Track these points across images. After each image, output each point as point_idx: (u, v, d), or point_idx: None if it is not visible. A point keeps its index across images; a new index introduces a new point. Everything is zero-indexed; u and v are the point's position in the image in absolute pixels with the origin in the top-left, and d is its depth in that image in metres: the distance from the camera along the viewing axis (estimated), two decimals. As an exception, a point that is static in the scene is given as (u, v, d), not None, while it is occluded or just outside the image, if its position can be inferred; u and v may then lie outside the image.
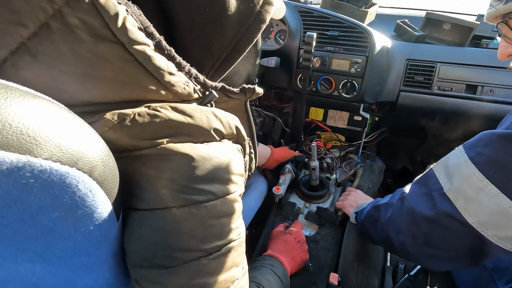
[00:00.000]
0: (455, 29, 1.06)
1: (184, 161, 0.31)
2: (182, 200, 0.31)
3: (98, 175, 0.26)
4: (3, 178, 0.20)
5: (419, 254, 0.58)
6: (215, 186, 0.34)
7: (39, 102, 0.23)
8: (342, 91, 1.04)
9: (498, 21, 0.53)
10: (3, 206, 0.21)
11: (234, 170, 0.36)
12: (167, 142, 0.31)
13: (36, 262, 0.25)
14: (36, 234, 0.23)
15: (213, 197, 0.33)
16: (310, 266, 0.80)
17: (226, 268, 0.36)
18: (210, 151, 0.34)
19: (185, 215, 0.31)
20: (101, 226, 0.28)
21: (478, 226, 0.47)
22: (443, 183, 0.52)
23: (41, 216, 0.23)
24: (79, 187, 0.24)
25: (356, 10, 1.16)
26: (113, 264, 0.33)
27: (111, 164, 0.28)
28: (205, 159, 0.32)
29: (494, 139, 0.46)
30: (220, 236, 0.35)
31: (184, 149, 0.31)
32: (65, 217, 0.24)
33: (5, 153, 0.20)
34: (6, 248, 0.23)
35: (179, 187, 0.31)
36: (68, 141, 0.23)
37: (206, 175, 0.32)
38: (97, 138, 0.27)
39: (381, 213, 0.68)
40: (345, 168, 1.16)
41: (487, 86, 0.95)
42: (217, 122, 0.36)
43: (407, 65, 1.02)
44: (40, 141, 0.21)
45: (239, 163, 0.38)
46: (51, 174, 0.22)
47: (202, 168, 0.32)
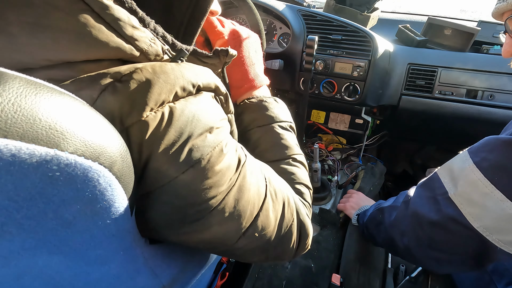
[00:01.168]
0: (456, 34, 1.08)
1: (169, 126, 0.30)
2: (184, 165, 0.31)
3: (117, 170, 0.26)
4: (32, 171, 0.21)
5: (423, 257, 0.59)
6: (207, 139, 0.33)
7: (65, 98, 0.24)
8: (345, 94, 1.05)
9: (507, 17, 0.53)
10: (29, 198, 0.21)
11: (218, 116, 0.36)
12: (150, 111, 0.29)
13: (54, 255, 0.26)
14: (56, 227, 0.24)
15: (210, 149, 0.33)
16: (313, 266, 0.80)
17: (251, 182, 0.38)
18: (191, 107, 0.32)
19: (192, 176, 0.32)
20: (116, 220, 0.28)
21: (483, 230, 0.47)
22: (448, 187, 0.53)
23: (63, 209, 0.24)
24: (100, 181, 0.25)
25: (359, 14, 1.17)
26: (125, 257, 0.34)
27: (129, 160, 0.28)
28: (188, 117, 0.32)
29: (499, 144, 0.47)
30: (232, 168, 0.36)
31: (166, 113, 0.30)
32: (84, 211, 0.25)
33: (35, 146, 0.20)
34: (26, 240, 0.23)
35: (175, 154, 0.30)
36: (91, 137, 0.24)
37: (194, 131, 0.32)
38: (116, 134, 0.27)
39: (385, 215, 0.68)
40: (347, 170, 1.17)
41: (488, 91, 0.97)
42: (193, 76, 0.34)
43: (409, 69, 1.03)
44: (66, 135, 0.22)
45: (220, 110, 0.38)
46: (76, 168, 0.23)
47: (188, 125, 0.31)
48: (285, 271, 0.80)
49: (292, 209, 0.45)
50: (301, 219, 0.47)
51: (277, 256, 0.45)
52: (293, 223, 0.45)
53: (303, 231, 0.47)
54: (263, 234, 0.40)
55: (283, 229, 0.43)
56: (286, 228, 0.43)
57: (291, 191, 0.48)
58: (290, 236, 0.44)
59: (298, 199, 0.50)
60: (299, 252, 0.48)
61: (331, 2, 1.21)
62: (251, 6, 0.82)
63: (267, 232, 0.40)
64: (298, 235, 0.47)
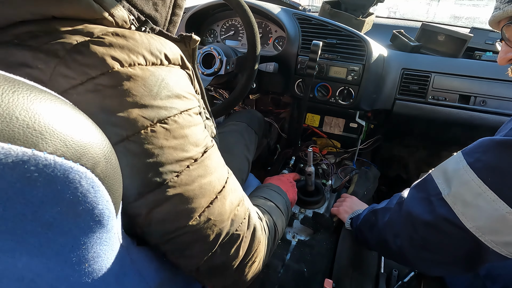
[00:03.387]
0: (449, 40, 1.09)
1: (140, 83, 0.32)
2: (151, 118, 0.33)
3: (101, 171, 0.26)
4: (8, 171, 0.20)
5: (416, 258, 0.58)
6: (174, 102, 0.35)
7: (46, 97, 0.23)
8: (339, 98, 1.05)
9: (503, 24, 0.54)
10: (6, 199, 0.21)
11: (187, 89, 0.39)
12: (119, 67, 0.31)
13: (34, 257, 0.25)
14: (36, 228, 0.23)
15: (177, 111, 0.36)
16: (305, 271, 0.79)
17: (213, 168, 0.40)
18: (161, 72, 0.35)
19: (159, 131, 0.33)
20: (100, 223, 0.28)
21: (476, 231, 0.47)
22: (442, 188, 0.53)
23: (42, 211, 0.23)
24: (82, 183, 0.24)
25: (354, 19, 1.18)
26: (110, 259, 0.33)
27: (113, 161, 0.28)
28: (158, 79, 0.34)
29: (492, 145, 0.47)
30: (196, 143, 0.38)
31: (135, 71, 0.32)
32: (66, 213, 0.24)
33: (11, 146, 0.20)
34: (5, 242, 0.22)
35: (145, 108, 0.32)
36: (73, 136, 0.23)
37: (162, 92, 0.34)
38: (100, 134, 0.27)
39: (379, 217, 0.68)
40: (341, 174, 1.16)
41: (480, 97, 0.98)
42: (158, 45, 0.36)
43: (403, 74, 1.04)
44: (45, 135, 0.22)
45: (189, 84, 0.40)
46: (55, 169, 0.22)
47: (157, 87, 0.34)
48: (278, 276, 0.79)
49: (245, 210, 0.46)
50: (254, 226, 0.46)
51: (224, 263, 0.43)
52: (244, 224, 0.44)
53: (256, 240, 0.46)
54: (219, 220, 0.40)
55: (235, 225, 0.43)
56: (238, 226, 0.43)
57: (248, 200, 0.49)
58: (238, 239, 0.43)
59: (255, 210, 0.51)
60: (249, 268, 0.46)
61: (327, 6, 1.21)
62: (245, 9, 0.81)
63: (221, 221, 0.41)
64: (250, 244, 0.45)
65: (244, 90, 0.89)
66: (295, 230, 0.94)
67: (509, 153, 0.45)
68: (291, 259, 0.84)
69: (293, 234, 0.92)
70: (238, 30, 1.22)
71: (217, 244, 0.41)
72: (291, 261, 0.83)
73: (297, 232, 0.93)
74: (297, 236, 0.92)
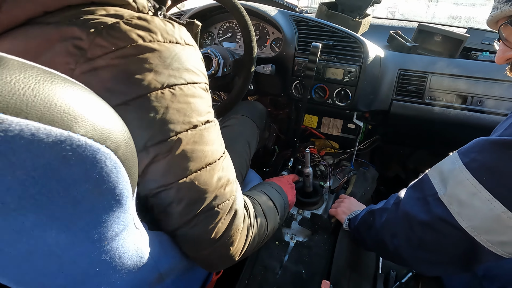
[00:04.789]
0: (446, 41, 1.09)
1: (156, 55, 0.39)
2: (162, 83, 0.39)
3: (122, 154, 0.29)
4: (48, 149, 0.23)
5: (412, 258, 0.59)
6: (183, 73, 0.41)
7: (76, 87, 0.26)
8: (336, 99, 1.05)
9: (501, 24, 0.54)
10: (44, 176, 0.23)
11: (197, 66, 0.44)
12: (142, 42, 0.38)
13: (61, 232, 0.27)
14: (65, 204, 0.26)
15: (184, 81, 0.41)
16: (303, 272, 0.80)
17: (209, 141, 0.45)
18: (175, 48, 0.41)
19: (166, 94, 0.39)
20: (119, 202, 0.30)
21: (471, 230, 0.48)
22: (438, 188, 0.53)
23: (73, 188, 0.26)
24: (107, 163, 0.27)
25: (350, 20, 1.18)
26: (126, 239, 0.35)
27: (132, 146, 0.31)
28: (171, 53, 0.40)
29: (487, 145, 0.47)
30: (198, 112, 0.43)
31: (154, 46, 0.39)
32: (92, 191, 0.27)
33: (51, 127, 0.23)
34: (39, 216, 0.25)
35: (158, 74, 0.39)
36: (99, 121, 0.26)
37: (174, 64, 0.40)
38: (121, 122, 0.30)
39: (376, 218, 0.68)
40: (339, 175, 1.17)
41: (476, 97, 0.98)
42: (174, 28, 0.43)
43: (400, 75, 1.04)
44: (78, 119, 0.24)
45: (200, 63, 0.46)
46: (86, 149, 0.25)
47: (170, 59, 0.40)
48: (276, 277, 0.79)
49: (232, 193, 0.49)
50: (236, 212, 0.49)
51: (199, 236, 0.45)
52: (226, 204, 0.47)
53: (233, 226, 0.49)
54: (203, 188, 0.44)
55: (217, 201, 0.46)
56: (220, 204, 0.46)
57: (239, 188, 0.53)
58: (217, 216, 0.46)
59: (243, 200, 0.54)
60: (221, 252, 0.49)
61: (323, 7, 1.22)
62: (241, 11, 0.82)
63: (205, 191, 0.44)
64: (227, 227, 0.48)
65: (241, 92, 0.89)
66: (293, 231, 0.94)
67: (504, 152, 0.45)
68: (289, 260, 0.84)
69: (291, 236, 0.93)
70: (236, 32, 1.23)
71: (198, 210, 0.44)
72: (289, 262, 0.84)
73: (295, 233, 0.93)
74: (295, 237, 0.92)
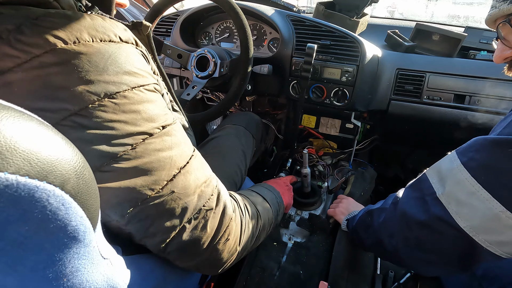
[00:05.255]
0: (444, 40, 1.09)
1: (84, 59, 0.33)
2: (99, 93, 0.33)
3: (71, 188, 0.25)
4: None
5: (411, 258, 0.58)
6: (124, 78, 0.36)
7: (8, 114, 0.22)
8: (334, 99, 1.05)
9: (499, 22, 0.54)
10: None
11: (139, 66, 0.38)
12: (62, 45, 0.32)
13: (7, 275, 0.24)
14: (5, 247, 0.23)
15: (126, 87, 0.36)
16: (301, 273, 0.79)
17: (173, 144, 0.40)
18: (108, 49, 0.35)
19: (108, 105, 0.34)
20: (75, 238, 0.27)
21: (470, 230, 0.47)
22: (436, 187, 0.53)
23: (9, 230, 0.22)
24: (50, 201, 0.23)
25: (348, 20, 1.18)
26: (91, 272, 0.32)
27: (87, 175, 0.27)
28: (104, 55, 0.34)
29: (486, 144, 0.47)
30: (151, 119, 0.38)
31: (79, 48, 0.33)
32: (36, 231, 0.24)
33: None
34: None
35: (91, 83, 0.33)
36: (38, 154, 0.22)
37: (110, 68, 0.34)
38: (71, 149, 0.26)
39: (374, 218, 0.68)
40: (337, 175, 1.16)
41: (475, 96, 0.97)
42: (106, 24, 0.37)
43: (397, 75, 1.04)
44: (6, 154, 0.21)
45: (142, 61, 0.40)
46: (18, 189, 0.21)
47: (103, 62, 0.34)
48: (273, 279, 0.79)
49: (213, 188, 0.46)
50: (224, 204, 0.47)
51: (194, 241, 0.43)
52: (212, 200, 0.45)
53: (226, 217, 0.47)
54: (183, 193, 0.40)
55: (202, 200, 0.43)
56: (205, 201, 0.43)
57: (219, 182, 0.50)
58: (207, 214, 0.43)
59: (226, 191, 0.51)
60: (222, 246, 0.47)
61: (321, 7, 1.21)
62: (238, 11, 0.82)
63: (186, 194, 0.41)
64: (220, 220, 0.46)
65: (238, 92, 0.89)
66: (291, 232, 0.94)
67: (502, 151, 0.45)
68: (287, 261, 0.84)
69: (289, 236, 0.92)
70: (233, 32, 1.22)
71: (184, 219, 0.41)
72: (287, 263, 0.83)
73: (293, 234, 0.93)
74: (293, 238, 0.92)
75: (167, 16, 1.21)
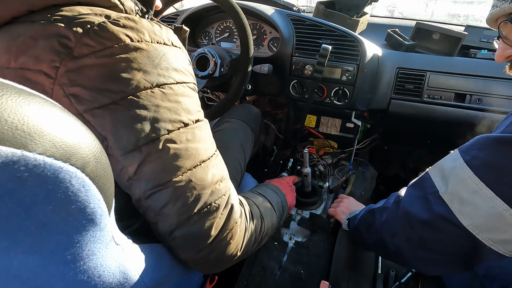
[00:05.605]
0: (444, 39, 1.09)
1: (144, 54, 0.39)
2: (151, 82, 0.40)
3: (91, 171, 0.27)
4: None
5: (413, 257, 0.58)
6: (172, 73, 0.42)
7: (34, 99, 0.24)
8: (334, 99, 1.05)
9: (501, 21, 0.53)
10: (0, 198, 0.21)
11: (185, 66, 0.45)
12: (129, 41, 0.38)
13: (29, 255, 0.26)
14: (29, 227, 0.24)
15: (173, 80, 0.42)
16: (302, 273, 0.79)
17: (201, 139, 0.45)
18: (163, 49, 0.42)
19: (156, 93, 0.40)
20: (92, 221, 0.29)
21: (473, 229, 0.47)
22: (439, 186, 0.52)
23: (35, 210, 0.24)
24: (72, 182, 0.25)
25: (348, 19, 1.18)
26: (104, 257, 0.33)
27: (104, 160, 0.29)
28: (159, 53, 0.41)
29: (489, 142, 0.47)
30: (188, 111, 0.44)
31: (141, 46, 0.39)
32: (58, 211, 0.25)
33: (1, 147, 0.20)
34: (0, 241, 0.23)
35: (147, 73, 0.39)
36: (61, 137, 0.24)
37: (162, 64, 0.41)
38: (90, 135, 0.28)
39: (376, 217, 0.68)
40: (338, 175, 1.16)
41: (475, 95, 0.97)
42: (162, 30, 0.44)
43: (398, 74, 1.03)
44: (34, 136, 0.22)
45: (187, 64, 0.47)
46: (45, 169, 0.23)
47: (158, 59, 0.41)
48: (274, 278, 0.79)
49: (226, 188, 0.49)
50: (232, 206, 0.49)
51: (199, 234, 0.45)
52: (223, 199, 0.47)
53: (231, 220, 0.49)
54: (199, 185, 0.44)
55: (214, 197, 0.46)
56: (217, 199, 0.47)
57: (230, 183, 0.53)
58: (215, 212, 0.46)
59: (237, 194, 0.54)
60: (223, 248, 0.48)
61: (321, 6, 1.21)
62: (238, 11, 0.81)
63: (202, 187, 0.45)
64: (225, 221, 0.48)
65: (238, 92, 0.89)
66: (292, 231, 0.94)
67: (506, 150, 0.44)
68: (288, 261, 0.84)
69: (290, 236, 0.92)
70: (233, 32, 1.22)
71: (195, 209, 0.44)
72: (288, 263, 0.83)
73: (294, 233, 0.93)
74: (294, 237, 0.92)
75: (167, 16, 1.21)
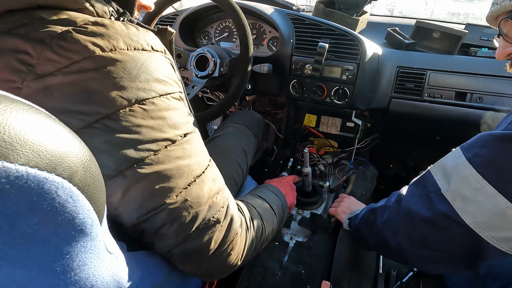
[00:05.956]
0: (444, 37, 1.08)
1: (119, 66, 0.34)
2: (130, 99, 0.35)
3: (79, 181, 0.25)
4: None
5: (415, 256, 0.58)
6: (153, 85, 0.37)
7: (17, 106, 0.23)
8: (334, 98, 1.04)
9: (501, 19, 0.53)
10: None
11: (168, 74, 0.40)
12: (100, 52, 0.34)
13: (16, 268, 0.24)
14: (14, 240, 0.23)
15: (155, 94, 0.37)
16: (303, 273, 0.79)
17: (193, 153, 0.42)
18: (141, 57, 0.37)
19: (137, 111, 0.36)
20: (82, 231, 0.27)
21: (476, 226, 0.47)
22: (441, 184, 0.52)
23: (19, 223, 0.22)
24: (59, 193, 0.24)
25: (348, 18, 1.17)
26: (97, 267, 0.32)
27: (93, 169, 0.27)
28: (137, 63, 0.36)
29: (491, 140, 0.47)
30: (175, 126, 0.39)
31: (115, 56, 0.34)
32: (44, 223, 0.24)
33: None
34: None
35: (124, 89, 0.35)
36: (47, 146, 0.23)
37: (141, 76, 0.36)
38: (78, 143, 0.26)
39: (377, 216, 0.67)
40: (338, 174, 1.16)
41: (476, 94, 0.97)
42: (140, 33, 0.38)
43: (398, 72, 1.03)
44: (16, 146, 0.21)
45: (171, 70, 0.42)
46: (28, 180, 0.21)
47: (136, 70, 0.36)
48: (275, 278, 0.79)
49: (224, 199, 0.46)
50: (232, 217, 0.47)
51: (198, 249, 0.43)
52: (221, 212, 0.45)
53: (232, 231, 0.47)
54: (195, 203, 0.41)
55: (212, 211, 0.44)
56: (215, 213, 0.44)
57: (228, 192, 0.50)
58: (215, 226, 0.44)
59: (235, 202, 0.52)
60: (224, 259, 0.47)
61: (320, 5, 1.21)
62: (237, 10, 0.81)
63: (199, 204, 0.42)
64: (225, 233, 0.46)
65: (238, 92, 0.89)
66: (293, 231, 0.93)
67: (508, 147, 0.44)
68: (288, 261, 0.84)
69: (291, 236, 0.92)
70: (232, 32, 1.22)
71: (193, 227, 0.41)
72: (289, 263, 0.83)
73: (295, 233, 0.93)
74: (295, 237, 0.91)
75: (166, 16, 1.21)
